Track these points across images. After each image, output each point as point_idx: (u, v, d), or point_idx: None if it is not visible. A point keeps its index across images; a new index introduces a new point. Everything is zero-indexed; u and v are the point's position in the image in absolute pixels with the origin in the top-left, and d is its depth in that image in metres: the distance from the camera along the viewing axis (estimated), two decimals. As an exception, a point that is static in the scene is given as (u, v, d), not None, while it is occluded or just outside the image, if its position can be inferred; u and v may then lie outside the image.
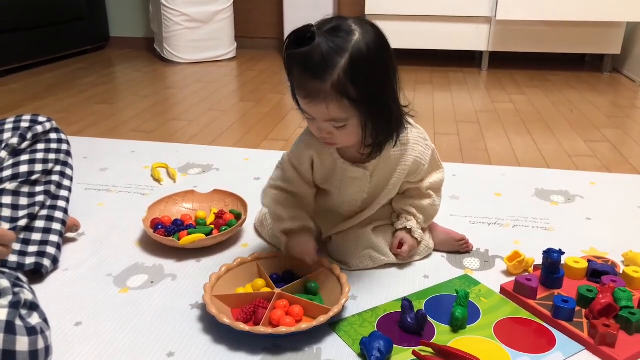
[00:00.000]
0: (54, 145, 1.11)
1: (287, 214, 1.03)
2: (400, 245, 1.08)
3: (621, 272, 1.04)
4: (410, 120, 1.02)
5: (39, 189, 1.04)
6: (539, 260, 1.06)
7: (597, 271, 1.03)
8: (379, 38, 0.87)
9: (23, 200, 1.01)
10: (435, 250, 1.14)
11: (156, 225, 1.18)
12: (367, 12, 2.94)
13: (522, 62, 3.19)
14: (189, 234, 1.13)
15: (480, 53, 3.08)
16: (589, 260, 1.05)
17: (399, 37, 2.83)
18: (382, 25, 0.90)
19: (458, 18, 2.91)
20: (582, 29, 2.87)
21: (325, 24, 0.85)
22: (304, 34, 0.83)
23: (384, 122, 0.91)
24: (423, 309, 0.94)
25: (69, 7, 3.16)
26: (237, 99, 2.48)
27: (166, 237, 1.13)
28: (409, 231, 1.08)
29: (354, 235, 1.08)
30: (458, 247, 1.14)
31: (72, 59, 3.25)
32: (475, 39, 2.97)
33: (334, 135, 0.91)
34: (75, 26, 3.23)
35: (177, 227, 1.17)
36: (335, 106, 0.85)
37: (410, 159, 1.03)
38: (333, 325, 0.91)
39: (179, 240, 1.12)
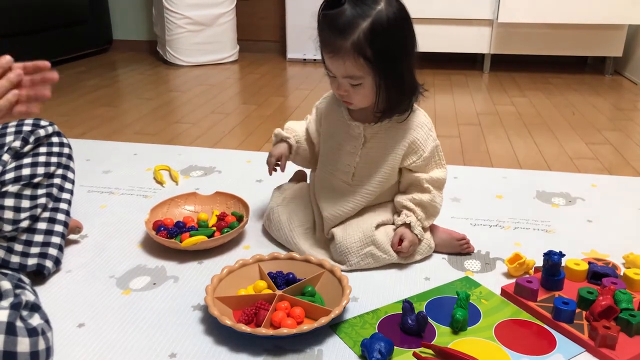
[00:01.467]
0: (55, 149, 1.11)
1: (290, 127, 1.19)
2: (401, 241, 1.09)
3: (622, 274, 1.04)
4: (423, 111, 1.11)
5: (41, 191, 1.05)
6: (539, 262, 1.07)
7: (598, 273, 1.03)
8: (402, 12, 0.98)
9: (25, 203, 1.02)
10: (436, 251, 1.15)
11: (158, 227, 1.18)
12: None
13: (523, 65, 3.18)
14: (191, 236, 1.14)
15: (482, 55, 3.09)
16: (589, 263, 1.06)
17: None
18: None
19: (460, 21, 2.92)
20: (583, 31, 2.87)
21: None
22: None
23: (396, 88, 1.01)
24: (424, 310, 0.94)
25: (72, 10, 3.17)
26: (240, 101, 2.49)
27: (168, 239, 1.14)
28: (409, 226, 1.09)
29: (357, 230, 1.09)
30: (459, 247, 1.15)
31: (75, 62, 3.26)
32: (477, 41, 2.97)
33: (350, 94, 1.01)
34: (78, 29, 3.24)
35: (179, 229, 1.18)
36: (351, 63, 0.96)
37: (409, 137, 1.08)
38: (334, 326, 0.92)
39: (181, 242, 1.13)
